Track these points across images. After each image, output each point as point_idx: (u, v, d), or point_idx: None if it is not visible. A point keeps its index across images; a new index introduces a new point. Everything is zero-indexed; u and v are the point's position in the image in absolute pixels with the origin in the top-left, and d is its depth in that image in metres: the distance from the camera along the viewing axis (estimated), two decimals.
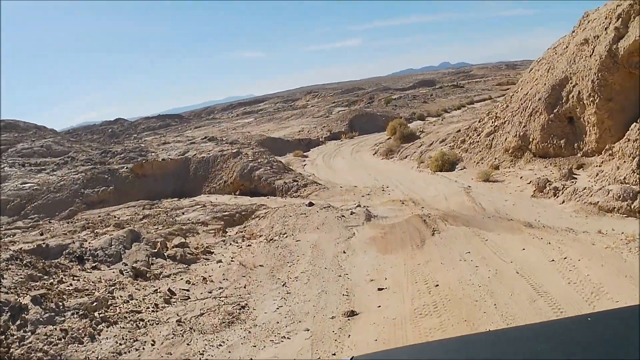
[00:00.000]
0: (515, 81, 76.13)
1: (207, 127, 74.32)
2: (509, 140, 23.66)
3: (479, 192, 20.59)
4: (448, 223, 14.88)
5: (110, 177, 30.37)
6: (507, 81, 77.24)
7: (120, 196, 29.22)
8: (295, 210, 18.63)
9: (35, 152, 37.95)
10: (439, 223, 14.93)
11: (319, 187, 25.08)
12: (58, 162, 34.30)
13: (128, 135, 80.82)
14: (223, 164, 29.68)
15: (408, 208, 19.26)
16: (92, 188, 29.38)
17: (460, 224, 14.68)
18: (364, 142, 41.34)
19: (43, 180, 29.97)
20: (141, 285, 12.63)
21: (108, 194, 29.37)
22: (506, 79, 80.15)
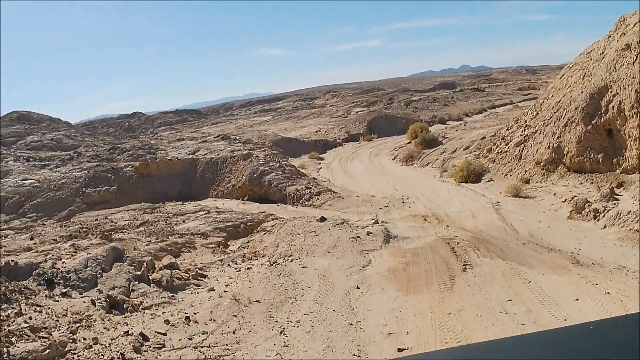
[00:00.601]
0: (536, 86, 73.37)
1: (224, 124, 72.08)
2: (541, 152, 21.01)
3: (509, 209, 18.02)
4: (480, 253, 12.36)
5: (113, 176, 28.16)
6: (529, 86, 74.24)
7: (124, 197, 27.03)
8: (305, 226, 16.19)
9: (45, 146, 35.91)
10: (470, 253, 12.42)
11: (334, 196, 22.62)
12: (63, 157, 32.15)
13: (144, 129, 78.87)
14: (232, 166, 27.32)
15: (431, 226, 16.78)
16: (94, 187, 27.20)
17: (495, 256, 12.14)
18: (383, 146, 38.78)
19: (45, 177, 27.83)
20: (113, 321, 10.29)
21: (110, 194, 27.18)
22: (527, 84, 77.03)
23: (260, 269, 13.32)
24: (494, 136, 27.25)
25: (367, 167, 31.07)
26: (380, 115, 48.55)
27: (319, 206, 21.84)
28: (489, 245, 13.28)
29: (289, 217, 19.93)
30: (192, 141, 37.38)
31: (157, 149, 33.82)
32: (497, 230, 15.98)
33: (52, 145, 36.14)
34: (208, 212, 21.51)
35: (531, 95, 62.45)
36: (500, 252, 12.60)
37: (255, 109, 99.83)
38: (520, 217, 17.04)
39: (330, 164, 33.82)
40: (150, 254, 14.66)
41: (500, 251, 12.68)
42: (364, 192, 24.02)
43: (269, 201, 24.33)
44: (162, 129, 75.82)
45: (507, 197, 19.52)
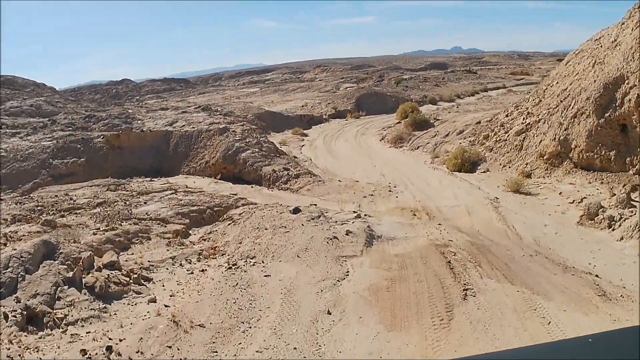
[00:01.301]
0: (529, 72, 70.70)
1: (211, 94, 68.74)
2: (545, 144, 18.47)
3: (509, 207, 15.52)
4: (483, 271, 9.86)
5: (83, 148, 25.37)
6: (521, 71, 71.56)
7: (92, 169, 24.34)
8: (275, 218, 13.57)
9: (24, 112, 32.94)
10: (470, 269, 9.91)
11: (313, 180, 19.99)
12: (35, 125, 29.20)
13: (130, 97, 75.41)
14: (207, 140, 24.55)
15: (421, 223, 14.28)
16: (61, 159, 24.44)
17: (501, 276, 9.65)
18: (371, 124, 36.05)
19: (13, 146, 25.00)
20: (23, 344, 7.74)
21: (78, 167, 24.45)
22: (520, 69, 74.33)
23: (215, 272, 10.76)
24: (491, 122, 24.68)
25: (353, 147, 28.40)
26: (370, 92, 45.71)
27: (297, 190, 19.23)
28: (492, 258, 10.78)
29: (262, 203, 17.36)
30: (171, 111, 34.45)
31: (134, 119, 30.92)
32: (497, 234, 13.48)
33: (31, 112, 33.18)
34: (175, 192, 18.89)
35: (524, 80, 59.91)
36: (506, 269, 10.10)
37: (244, 80, 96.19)
38: (522, 217, 14.56)
39: (314, 141, 31.10)
40: (92, 247, 12.04)
41: (506, 267, 10.19)
42: (348, 176, 21.43)
43: (243, 181, 21.69)
44: (148, 97, 72.56)
45: (507, 192, 17.01)
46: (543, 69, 71.39)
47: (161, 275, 11.00)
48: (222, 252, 12.20)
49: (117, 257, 11.41)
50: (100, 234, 13.16)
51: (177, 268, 11.40)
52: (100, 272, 10.49)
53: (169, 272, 11.17)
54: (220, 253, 12.21)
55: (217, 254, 12.29)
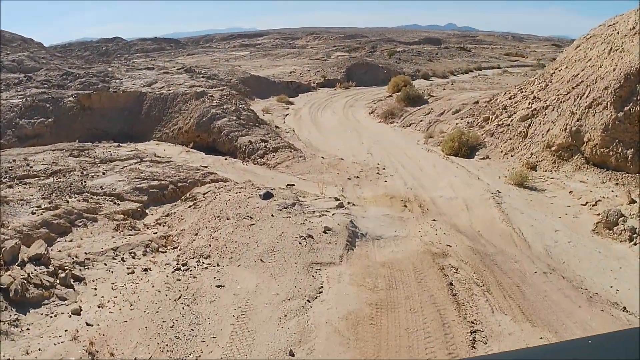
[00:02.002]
0: (524, 54, 68.05)
1: (200, 55, 65.30)
2: (554, 134, 16.13)
3: (514, 204, 13.25)
4: (493, 300, 7.59)
5: (52, 107, 22.76)
6: (516, 53, 68.85)
7: (60, 130, 21.86)
8: (241, 204, 11.13)
9: (5, 67, 29.87)
10: (477, 297, 7.62)
11: (294, 155, 17.54)
12: (10, 82, 26.29)
13: (119, 55, 71.78)
14: (183, 105, 21.90)
15: (413, 217, 12.01)
16: (29, 118, 21.93)
17: (516, 309, 7.38)
18: (361, 96, 33.44)
19: None
20: None
21: (45, 128, 21.90)
22: (515, 51, 71.61)
23: (160, 275, 8.39)
24: (490, 103, 22.28)
25: (340, 120, 25.86)
26: (361, 62, 42.92)
27: (274, 166, 16.80)
28: (501, 278, 8.53)
29: (233, 180, 14.95)
30: (152, 72, 31.50)
31: (113, 78, 28.06)
32: (501, 238, 11.23)
33: (12, 67, 30.22)
34: (141, 161, 16.44)
35: (519, 62, 57.37)
36: (520, 296, 7.86)
37: (235, 43, 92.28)
38: (529, 219, 12.30)
39: (299, 110, 28.48)
40: (22, 233, 9.58)
41: (520, 294, 7.94)
42: (332, 153, 19.01)
43: (217, 152, 19.18)
44: (137, 56, 69.05)
45: (509, 185, 14.73)
46: (538, 52, 69.01)
47: (96, 273, 8.60)
48: (175, 244, 9.80)
49: (47, 248, 8.92)
50: (38, 213, 10.68)
51: (117, 264, 8.99)
52: (23, 269, 8.06)
53: (107, 270, 8.76)
54: (172, 245, 9.82)
55: (169, 245, 9.90)
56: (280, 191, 12.34)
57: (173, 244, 9.91)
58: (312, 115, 26.93)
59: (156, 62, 50.00)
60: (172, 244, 9.95)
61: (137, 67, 34.43)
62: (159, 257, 9.37)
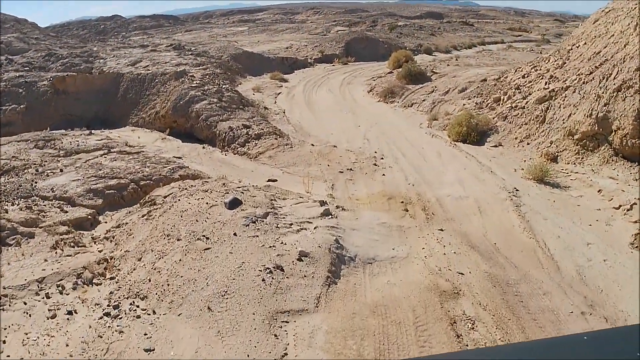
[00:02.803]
0: (528, 29, 64.59)
1: (198, 32, 62.10)
2: (577, 120, 13.50)
3: (535, 206, 10.74)
4: None
5: (25, 92, 20.22)
6: (519, 27, 65.46)
7: (33, 118, 19.52)
8: (199, 218, 8.58)
9: None
10: None
11: (279, 143, 14.98)
12: None
13: (117, 33, 68.65)
14: (161, 86, 19.26)
15: (415, 227, 9.58)
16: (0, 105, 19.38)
17: None
18: (360, 72, 30.64)
19: None
20: None
21: (16, 115, 19.44)
22: (518, 25, 68.17)
23: (84, 323, 5.99)
24: (500, 81, 19.60)
25: (336, 100, 23.18)
26: (361, 36, 39.92)
27: (255, 157, 14.27)
28: (529, 326, 6.05)
29: (207, 173, 12.49)
30: (138, 50, 28.69)
31: (97, 58, 25.31)
32: (523, 254, 8.76)
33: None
34: (108, 152, 14.03)
35: (523, 37, 54.18)
36: None
37: (234, 19, 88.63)
38: (554, 227, 9.81)
39: (293, 88, 25.76)
40: None
41: None
42: (324, 138, 16.47)
43: (196, 139, 16.63)
44: (135, 34, 66.00)
45: (527, 180, 12.19)
46: (542, 28, 65.68)
47: (12, 317, 6.23)
48: (115, 270, 7.37)
49: None
50: None
51: (39, 302, 6.59)
52: None
53: (25, 312, 6.37)
54: (111, 272, 7.38)
55: (108, 272, 7.46)
56: (253, 193, 9.81)
57: (113, 270, 7.46)
58: (306, 94, 24.24)
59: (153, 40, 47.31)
60: (111, 271, 7.50)
61: (124, 46, 31.70)
62: (92, 291, 6.96)
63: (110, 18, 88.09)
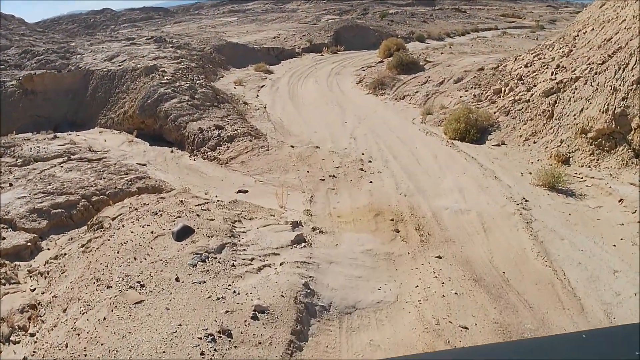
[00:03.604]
0: (521, 15, 62.40)
1: (187, 23, 59.66)
2: (590, 116, 11.62)
3: (549, 222, 8.92)
4: None
5: None
6: (513, 14, 63.23)
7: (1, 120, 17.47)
8: (137, 257, 6.65)
9: None
10: None
11: (254, 145, 13.07)
12: None
13: (106, 26, 66.18)
14: (131, 83, 17.32)
15: (408, 253, 7.79)
16: None
17: None
18: (349, 62, 28.61)
19: None
20: None
21: None
22: (511, 11, 65.96)
23: None
24: (498, 70, 17.73)
25: (322, 92, 21.22)
26: (350, 24, 37.81)
27: (226, 162, 12.38)
28: None
29: (171, 184, 10.65)
30: (117, 44, 26.57)
31: (74, 53, 23.24)
32: (538, 289, 6.98)
33: None
34: (68, 159, 12.30)
35: (516, 23, 52.12)
36: None
37: (225, 9, 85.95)
38: (573, 249, 8.02)
39: (278, 80, 23.78)
40: None
41: None
42: (307, 137, 14.60)
43: (165, 142, 14.73)
44: (124, 27, 63.58)
45: (537, 186, 10.36)
46: (535, 14, 63.51)
47: None
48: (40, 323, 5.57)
49: None
50: None
51: None
52: None
53: None
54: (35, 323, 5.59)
55: (32, 323, 5.66)
56: (212, 215, 7.94)
57: (37, 322, 5.66)
58: (290, 87, 22.27)
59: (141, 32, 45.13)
60: (35, 322, 5.71)
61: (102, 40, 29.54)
62: (7, 352, 5.19)
63: (101, 11, 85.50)
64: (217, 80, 23.31)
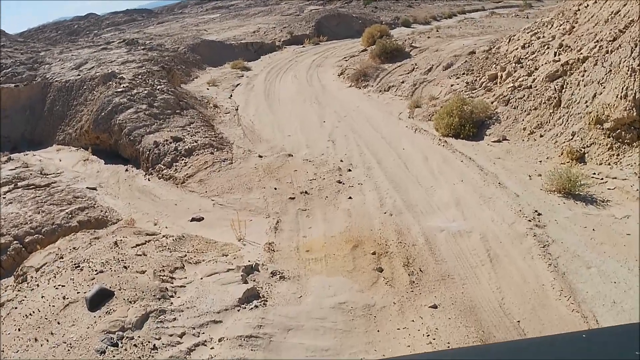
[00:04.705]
0: None
1: (170, 23, 57.19)
2: (605, 103, 9.59)
3: (569, 244, 6.97)
4: None
5: None
6: None
7: None
8: (38, 338, 4.76)
9: None
10: None
11: (214, 159, 11.03)
12: None
13: (89, 32, 63.70)
14: (89, 94, 15.27)
15: (393, 305, 5.89)
16: None
17: None
18: (332, 52, 26.51)
19: None
20: None
21: None
22: None
23: None
24: (491, 53, 15.72)
25: (301, 87, 19.16)
26: (332, 14, 35.62)
27: (183, 182, 10.38)
28: None
29: (119, 211, 8.75)
30: (87, 50, 24.36)
31: (42, 63, 21.07)
32: None
33: None
34: (15, 186, 10.36)
35: (504, 2, 49.83)
36: None
37: (208, 6, 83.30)
38: (603, 281, 6.13)
39: (255, 77, 21.71)
40: None
41: None
42: (279, 143, 12.62)
43: (122, 159, 12.71)
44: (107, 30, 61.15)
45: (550, 193, 8.38)
46: None
47: None
48: None
49: None
50: None
51: None
52: None
53: None
54: None
55: None
56: (143, 263, 6.00)
57: None
58: (267, 84, 20.20)
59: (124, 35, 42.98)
60: None
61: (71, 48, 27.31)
62: None
63: (85, 17, 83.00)
64: (191, 82, 21.27)
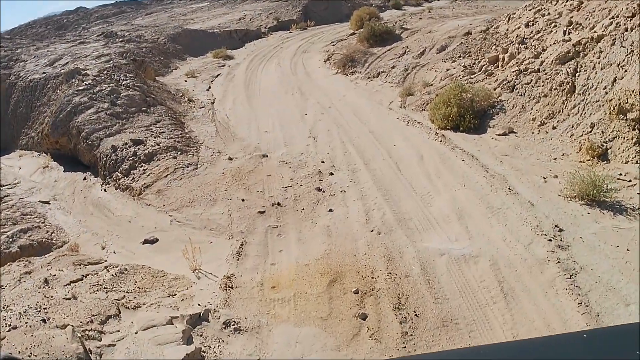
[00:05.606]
0: None
1: (158, 14, 55.07)
2: (628, 89, 7.98)
3: (601, 271, 5.46)
4: None
5: None
6: None
7: None
8: None
9: None
10: None
11: (176, 165, 9.40)
12: None
13: (77, 26, 61.43)
14: (52, 93, 13.58)
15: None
16: None
17: None
18: (319, 37, 24.73)
19: None
20: None
21: None
22: None
23: None
24: (490, 33, 14.10)
25: (284, 76, 17.46)
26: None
27: (140, 193, 8.78)
28: None
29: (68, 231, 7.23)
30: (63, 44, 22.43)
31: (17, 61, 19.19)
32: None
33: None
34: None
35: None
36: None
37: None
38: None
39: (236, 67, 19.97)
40: None
41: None
42: (254, 140, 11.01)
43: (82, 165, 11.07)
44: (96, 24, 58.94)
45: (571, 200, 6.81)
46: None
47: None
48: None
49: None
50: None
51: None
52: None
53: None
54: None
55: None
56: (65, 318, 4.45)
57: None
58: (248, 73, 18.49)
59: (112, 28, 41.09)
60: None
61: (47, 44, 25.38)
62: None
63: (74, 11, 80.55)
64: (169, 74, 19.55)
